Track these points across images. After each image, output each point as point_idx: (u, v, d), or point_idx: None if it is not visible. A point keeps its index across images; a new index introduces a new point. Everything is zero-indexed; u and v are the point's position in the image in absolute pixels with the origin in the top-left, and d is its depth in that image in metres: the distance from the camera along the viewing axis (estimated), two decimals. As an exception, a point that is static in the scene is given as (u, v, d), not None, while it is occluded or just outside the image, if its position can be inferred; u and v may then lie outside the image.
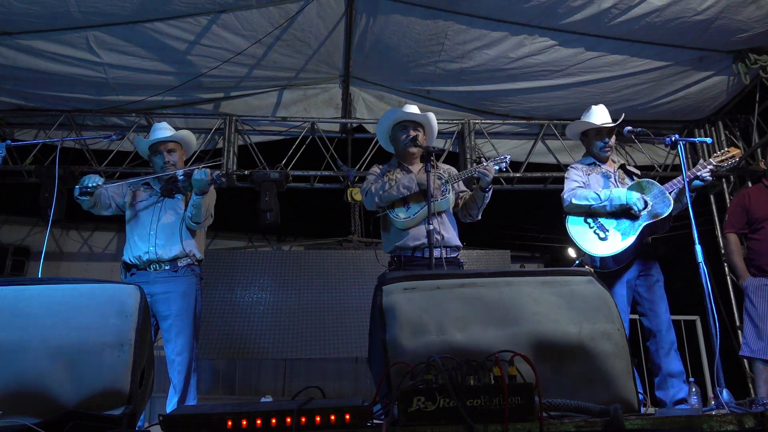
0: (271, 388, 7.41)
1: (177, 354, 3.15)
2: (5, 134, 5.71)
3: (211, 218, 3.47)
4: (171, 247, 3.26)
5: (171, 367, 3.16)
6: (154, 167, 3.46)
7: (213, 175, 3.20)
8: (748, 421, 1.65)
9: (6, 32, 4.55)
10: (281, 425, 1.53)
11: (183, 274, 3.27)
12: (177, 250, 3.26)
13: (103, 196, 3.34)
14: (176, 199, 3.39)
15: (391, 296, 1.91)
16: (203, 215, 3.29)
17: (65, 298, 1.86)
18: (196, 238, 3.39)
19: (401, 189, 3.24)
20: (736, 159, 3.37)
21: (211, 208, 3.43)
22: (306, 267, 6.74)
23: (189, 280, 3.29)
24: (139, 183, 3.47)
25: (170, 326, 3.18)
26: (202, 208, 3.25)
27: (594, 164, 3.55)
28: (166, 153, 3.38)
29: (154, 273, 3.23)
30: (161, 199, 3.37)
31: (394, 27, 4.85)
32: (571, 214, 3.44)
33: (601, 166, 3.53)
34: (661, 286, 3.37)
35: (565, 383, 1.78)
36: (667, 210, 3.20)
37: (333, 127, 6.10)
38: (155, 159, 3.43)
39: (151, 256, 3.22)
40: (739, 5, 4.39)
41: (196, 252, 3.37)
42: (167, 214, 3.33)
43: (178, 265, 3.26)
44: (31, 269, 7.49)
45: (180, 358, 3.16)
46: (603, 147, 3.50)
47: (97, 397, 1.72)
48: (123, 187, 3.44)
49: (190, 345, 3.22)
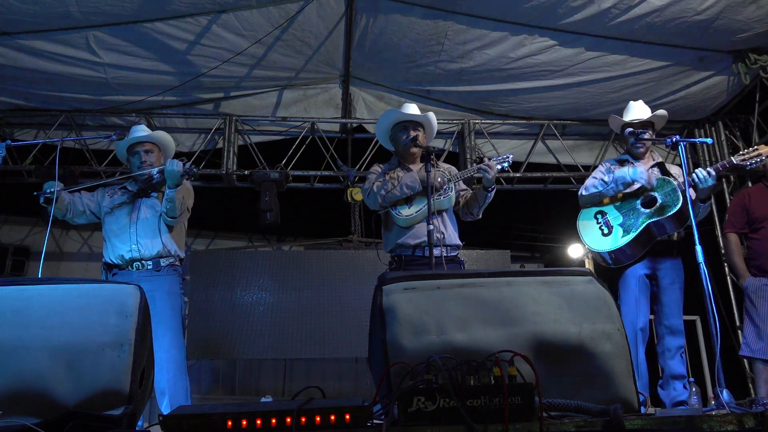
0: (271, 388, 7.41)
1: (165, 351, 3.12)
2: (5, 134, 5.71)
3: (187, 213, 3.46)
4: (152, 243, 3.26)
5: (158, 367, 3.14)
6: (131, 168, 3.48)
7: (185, 167, 3.19)
8: (748, 421, 1.65)
9: (6, 32, 4.55)
10: (281, 425, 1.53)
11: (166, 273, 3.28)
12: (158, 246, 3.27)
13: (75, 204, 3.36)
14: (152, 197, 3.41)
15: (391, 296, 1.91)
16: (178, 209, 3.29)
17: (65, 298, 1.86)
18: (175, 236, 3.40)
19: (404, 189, 3.24)
20: (763, 157, 3.24)
21: (187, 202, 3.41)
22: (306, 267, 6.73)
23: (172, 278, 3.29)
24: (115, 186, 3.49)
25: (156, 324, 3.15)
26: (176, 201, 3.25)
27: (626, 162, 3.49)
28: (143, 153, 3.41)
29: (136, 272, 3.23)
30: (138, 199, 3.39)
31: (394, 27, 4.85)
32: (585, 208, 3.45)
33: (634, 164, 3.45)
34: (676, 290, 3.32)
35: (565, 383, 1.78)
36: (676, 207, 3.14)
37: (333, 127, 6.10)
38: (132, 159, 3.45)
39: (134, 254, 3.24)
40: (739, 5, 4.39)
41: (178, 251, 3.38)
42: (145, 212, 3.35)
43: (161, 265, 3.27)
44: (31, 269, 7.48)
45: (168, 355, 3.13)
46: (634, 142, 3.44)
47: (97, 397, 1.72)
48: (97, 194, 3.45)
49: (178, 343, 3.21)
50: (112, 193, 3.46)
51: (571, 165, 6.10)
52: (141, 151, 3.41)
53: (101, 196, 3.46)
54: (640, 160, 3.48)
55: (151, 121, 5.77)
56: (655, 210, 3.22)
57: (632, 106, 3.54)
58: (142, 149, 3.41)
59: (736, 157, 3.27)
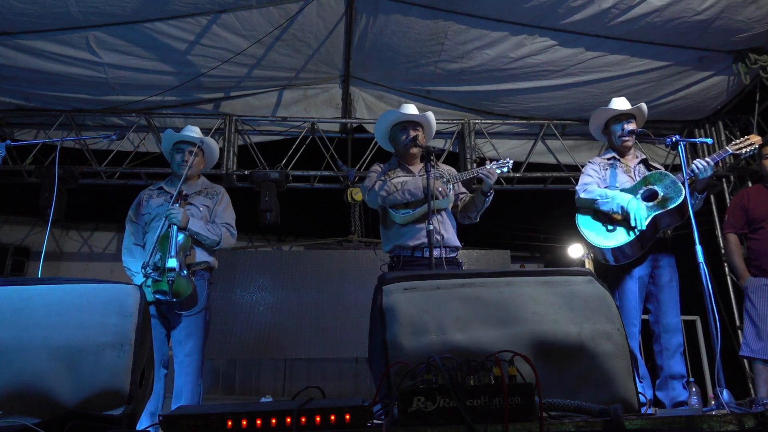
0: (271, 388, 7.41)
1: (186, 355, 3.15)
2: (5, 134, 5.71)
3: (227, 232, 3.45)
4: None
5: (179, 368, 3.15)
6: (171, 163, 3.48)
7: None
8: (748, 421, 1.65)
9: (6, 32, 4.55)
10: (281, 425, 1.53)
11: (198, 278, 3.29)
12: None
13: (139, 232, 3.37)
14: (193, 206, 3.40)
15: (391, 296, 1.91)
16: (205, 240, 3.31)
17: (65, 298, 1.86)
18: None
19: (406, 195, 3.24)
20: (755, 146, 3.25)
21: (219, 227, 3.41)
22: (306, 267, 6.74)
23: (199, 282, 3.27)
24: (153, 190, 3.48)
25: (182, 328, 3.17)
26: (202, 236, 3.27)
27: (614, 159, 3.49)
28: (187, 152, 3.40)
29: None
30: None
31: (394, 27, 4.85)
32: (582, 208, 3.40)
33: (620, 161, 3.46)
34: (673, 288, 3.32)
35: (565, 383, 1.78)
36: (678, 199, 3.12)
37: (333, 127, 6.10)
38: (175, 155, 3.44)
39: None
40: (739, 5, 4.39)
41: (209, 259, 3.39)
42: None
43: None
44: (31, 269, 7.48)
45: (189, 359, 3.15)
46: (621, 134, 3.43)
47: (97, 397, 1.72)
48: (139, 216, 3.41)
49: (199, 349, 3.22)
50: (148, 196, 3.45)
51: (571, 165, 6.10)
52: (186, 150, 3.40)
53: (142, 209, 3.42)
54: (625, 156, 3.48)
55: (151, 121, 5.77)
56: (657, 203, 3.20)
57: (614, 101, 3.53)
58: (188, 148, 3.41)
59: (731, 146, 3.28)
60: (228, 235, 3.43)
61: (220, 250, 3.52)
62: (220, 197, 3.50)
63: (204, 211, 3.39)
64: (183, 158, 3.38)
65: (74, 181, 5.59)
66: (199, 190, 3.47)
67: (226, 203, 3.53)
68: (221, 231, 3.38)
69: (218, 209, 3.46)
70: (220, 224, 3.41)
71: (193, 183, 3.49)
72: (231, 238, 3.47)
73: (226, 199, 3.55)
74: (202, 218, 3.34)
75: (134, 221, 3.39)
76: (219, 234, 3.36)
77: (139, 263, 3.13)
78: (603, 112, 3.53)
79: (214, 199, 3.47)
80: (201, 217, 3.34)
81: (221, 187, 3.61)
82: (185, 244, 3.15)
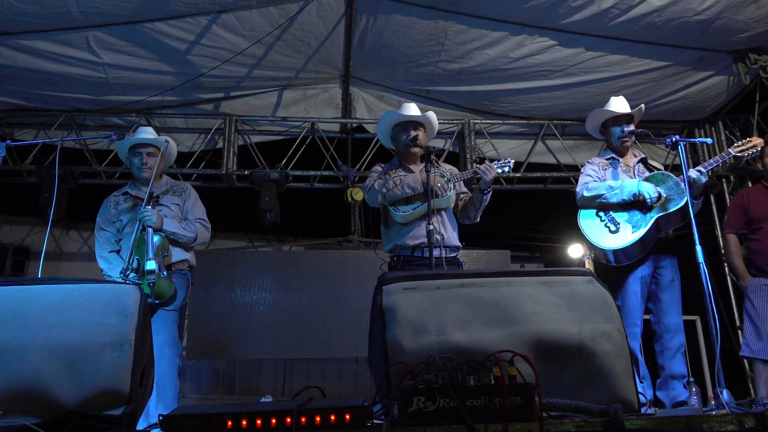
0: (271, 388, 7.41)
1: (158, 348, 3.09)
2: (5, 134, 5.71)
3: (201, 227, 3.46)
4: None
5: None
6: (131, 168, 3.47)
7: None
8: (748, 421, 1.65)
9: (6, 32, 4.55)
10: (281, 425, 1.53)
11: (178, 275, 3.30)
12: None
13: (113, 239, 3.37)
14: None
15: (391, 296, 1.91)
16: (182, 238, 3.32)
17: (65, 298, 1.86)
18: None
19: (406, 189, 3.24)
20: (758, 149, 3.28)
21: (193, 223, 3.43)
22: (306, 267, 6.74)
23: (180, 279, 3.29)
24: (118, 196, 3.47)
25: (153, 320, 3.15)
26: (178, 235, 3.29)
27: (613, 159, 3.48)
28: (145, 155, 3.39)
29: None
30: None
31: (394, 27, 4.85)
32: (584, 208, 3.38)
33: (620, 161, 3.46)
34: (675, 288, 3.31)
35: (565, 383, 1.78)
36: (680, 202, 3.12)
37: (333, 127, 6.10)
38: (133, 159, 3.43)
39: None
40: (739, 5, 4.39)
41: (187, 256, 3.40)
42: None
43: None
44: (31, 269, 7.48)
45: (161, 353, 3.05)
46: (621, 136, 3.42)
47: (97, 397, 1.72)
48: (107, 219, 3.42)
49: (173, 341, 3.19)
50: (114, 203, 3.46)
51: (571, 165, 6.10)
52: (144, 153, 3.40)
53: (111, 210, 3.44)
54: (624, 156, 3.48)
55: (151, 121, 5.77)
56: (660, 204, 3.20)
57: (613, 101, 3.52)
58: (145, 151, 3.40)
59: (733, 148, 3.31)
60: (203, 230, 3.45)
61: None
62: (187, 194, 3.53)
63: (175, 210, 3.40)
64: (142, 161, 3.38)
65: (74, 181, 5.60)
66: (166, 190, 3.48)
67: (195, 198, 3.54)
68: (196, 227, 3.40)
69: (188, 205, 3.48)
70: (193, 220, 3.43)
71: (158, 183, 3.49)
72: (206, 232, 3.49)
73: (194, 195, 3.56)
74: (175, 217, 3.36)
75: (104, 229, 3.40)
76: (194, 230, 3.38)
77: (117, 269, 3.13)
78: (600, 114, 3.53)
79: (182, 196, 3.50)
80: (174, 216, 3.36)
81: (187, 183, 3.65)
82: (162, 245, 3.15)
